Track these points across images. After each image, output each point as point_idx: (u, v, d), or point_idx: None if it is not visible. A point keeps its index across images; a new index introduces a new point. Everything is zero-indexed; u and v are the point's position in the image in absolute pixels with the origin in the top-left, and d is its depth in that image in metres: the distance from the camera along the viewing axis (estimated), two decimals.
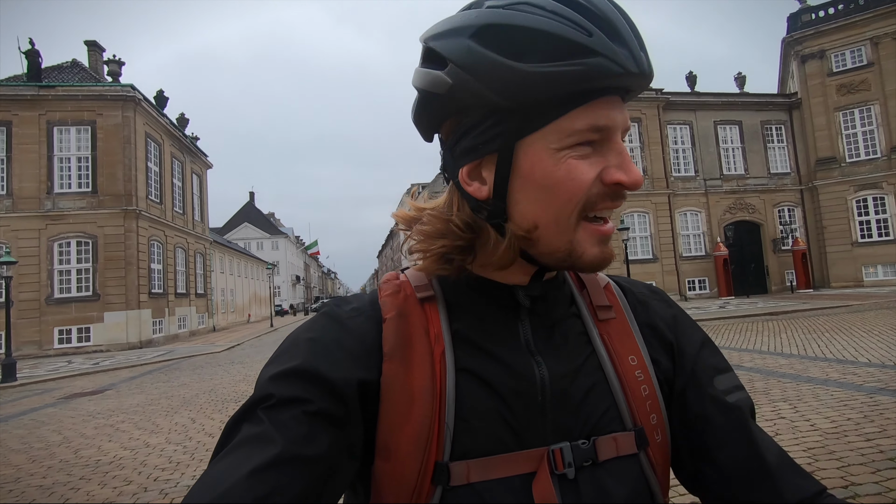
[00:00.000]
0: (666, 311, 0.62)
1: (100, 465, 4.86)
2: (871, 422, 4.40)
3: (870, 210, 22.89)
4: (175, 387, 9.56)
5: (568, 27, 0.44)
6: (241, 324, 35.37)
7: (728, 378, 0.57)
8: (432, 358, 0.51)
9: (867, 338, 8.95)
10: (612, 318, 0.58)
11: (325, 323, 0.53)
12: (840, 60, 23.65)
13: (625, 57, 0.44)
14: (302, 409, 0.45)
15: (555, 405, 0.51)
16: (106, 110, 19.22)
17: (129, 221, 19.12)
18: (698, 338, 0.60)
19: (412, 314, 0.54)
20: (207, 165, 29.15)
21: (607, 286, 0.62)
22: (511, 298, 0.55)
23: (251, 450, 0.43)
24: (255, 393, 0.47)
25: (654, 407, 0.54)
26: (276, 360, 0.50)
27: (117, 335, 18.59)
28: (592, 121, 0.46)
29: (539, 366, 0.52)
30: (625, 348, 0.56)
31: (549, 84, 0.44)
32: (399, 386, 0.49)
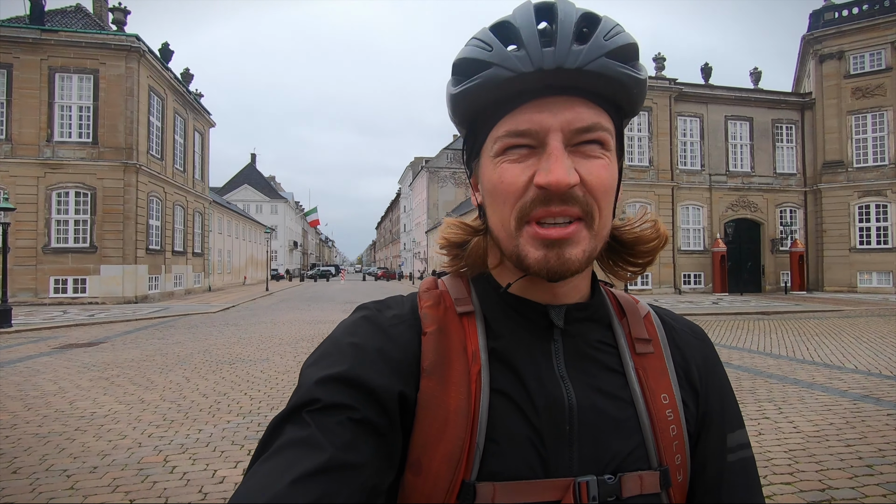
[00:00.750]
0: (700, 355, 0.61)
1: (95, 418, 4.95)
2: (853, 428, 4.50)
3: (871, 217, 22.90)
4: (170, 344, 9.65)
5: (475, 47, 0.50)
6: (237, 285, 35.49)
7: (737, 436, 0.58)
8: (469, 377, 0.51)
9: (855, 344, 9.08)
10: (649, 352, 0.57)
11: (368, 329, 0.54)
12: (858, 62, 23.27)
13: (518, 59, 0.47)
14: (347, 416, 0.45)
15: (583, 436, 0.51)
16: (109, 60, 18.80)
17: (128, 175, 18.94)
18: (722, 390, 0.60)
19: (451, 329, 0.54)
20: (210, 124, 28.73)
21: (647, 316, 0.61)
22: (545, 318, 0.55)
23: (298, 453, 0.43)
24: (299, 394, 0.48)
25: (679, 447, 0.54)
26: (319, 362, 0.51)
27: (113, 288, 18.65)
28: (513, 126, 0.49)
29: (568, 393, 0.52)
30: (659, 386, 0.55)
31: (464, 100, 0.52)
32: (436, 404, 0.50)
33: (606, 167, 0.50)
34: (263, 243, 44.74)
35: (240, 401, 5.58)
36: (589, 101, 0.49)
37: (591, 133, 0.49)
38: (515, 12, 0.51)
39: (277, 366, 7.57)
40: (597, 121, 0.49)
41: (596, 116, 0.49)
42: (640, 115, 23.22)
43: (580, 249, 0.49)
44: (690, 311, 15.00)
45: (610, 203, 0.51)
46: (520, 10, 0.51)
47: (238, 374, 6.95)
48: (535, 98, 0.49)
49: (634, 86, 0.50)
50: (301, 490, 0.40)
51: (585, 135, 0.49)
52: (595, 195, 0.49)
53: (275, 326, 12.69)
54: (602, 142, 0.50)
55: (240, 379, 6.67)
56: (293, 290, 33.55)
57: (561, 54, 0.47)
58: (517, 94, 0.49)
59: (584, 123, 0.48)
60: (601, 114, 0.50)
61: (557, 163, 0.47)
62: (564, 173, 0.46)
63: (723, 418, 0.58)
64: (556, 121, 0.48)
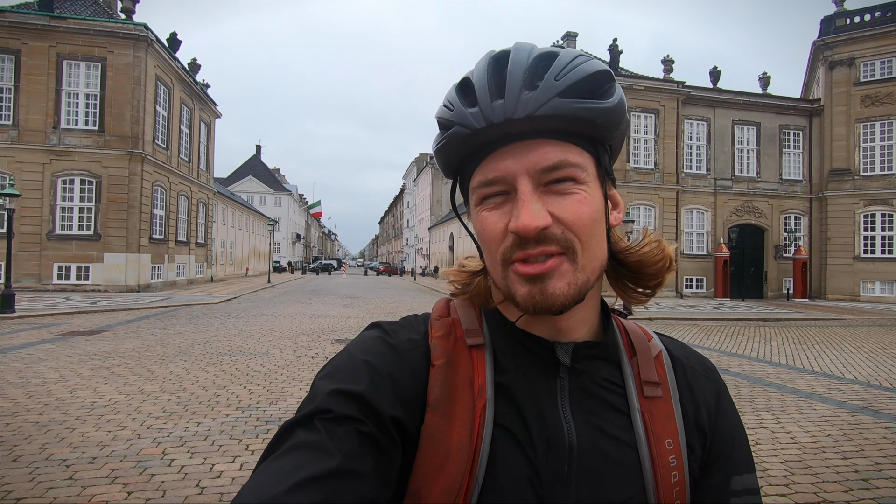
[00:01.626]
0: (711, 394, 0.60)
1: (95, 407, 4.98)
2: (850, 440, 4.50)
3: (876, 226, 22.78)
4: (171, 335, 9.69)
5: (443, 108, 0.54)
6: (239, 276, 35.60)
7: (745, 480, 0.57)
8: (473, 412, 0.52)
9: (856, 354, 9.05)
10: (657, 396, 0.57)
11: (384, 350, 0.55)
12: (869, 70, 23.09)
13: (473, 116, 0.50)
14: (355, 427, 0.47)
15: (580, 477, 0.51)
16: (117, 48, 18.82)
17: (134, 164, 18.99)
18: (733, 431, 0.59)
19: (459, 362, 0.55)
20: (216, 114, 28.76)
21: (658, 356, 0.60)
22: (552, 355, 0.55)
23: (308, 456, 0.44)
24: (311, 403, 0.49)
25: (680, 494, 0.54)
26: (333, 375, 0.52)
27: (116, 276, 18.73)
28: (483, 176, 0.52)
29: (570, 432, 0.52)
30: (665, 431, 0.55)
31: (441, 156, 0.56)
32: (438, 438, 0.51)
33: (583, 201, 0.50)
34: (266, 235, 44.83)
35: (239, 394, 5.61)
36: (553, 139, 0.50)
37: (559, 171, 0.50)
38: (475, 67, 0.54)
39: (277, 360, 7.60)
40: (563, 158, 0.50)
41: (562, 154, 0.50)
42: (646, 118, 23.14)
43: (564, 283, 0.50)
44: (691, 316, 14.98)
45: (594, 234, 0.52)
46: (478, 65, 0.53)
47: (238, 367, 6.98)
48: (499, 147, 0.51)
49: (598, 116, 0.50)
50: (309, 491, 0.42)
51: (554, 173, 0.50)
52: (574, 230, 0.50)
53: (276, 319, 12.73)
54: (574, 178, 0.50)
55: (239, 372, 6.70)
56: (295, 282, 33.62)
57: (509, 106, 0.49)
58: (481, 147, 0.52)
59: (550, 163, 0.50)
60: (569, 149, 0.51)
61: (524, 208, 0.48)
62: (531, 218, 0.48)
63: (729, 460, 0.57)
64: (520, 165, 0.50)
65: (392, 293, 24.93)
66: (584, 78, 0.50)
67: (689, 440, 0.56)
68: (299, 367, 7.15)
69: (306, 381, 6.30)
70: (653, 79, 23.45)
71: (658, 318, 14.32)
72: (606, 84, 0.52)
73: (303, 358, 7.79)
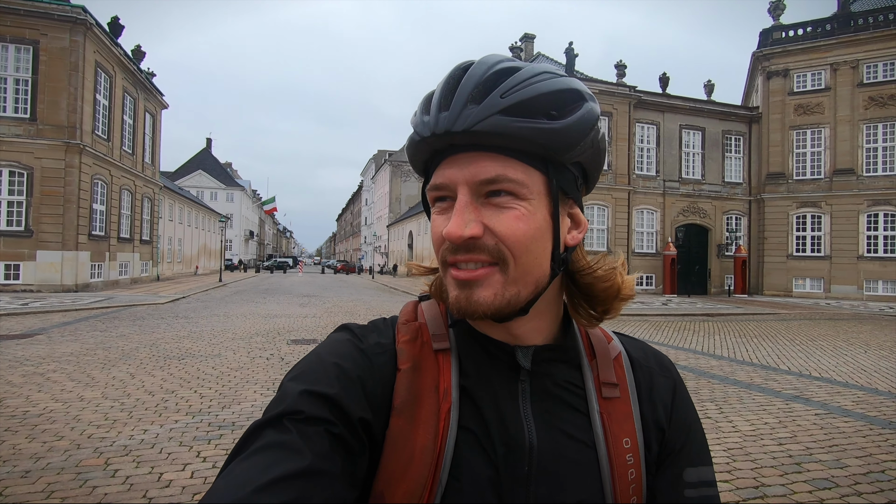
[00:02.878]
0: (667, 391, 0.62)
1: (27, 417, 4.64)
2: (785, 427, 4.83)
3: (807, 227, 24.52)
4: (113, 337, 9.16)
5: (413, 114, 0.57)
6: (188, 275, 34.06)
7: (699, 472, 0.58)
8: (438, 415, 0.53)
9: (790, 346, 9.72)
10: (616, 397, 0.58)
11: (353, 353, 0.55)
12: (801, 81, 24.79)
13: (423, 125, 0.53)
14: (326, 428, 0.47)
15: (539, 477, 0.52)
16: (51, 31, 17.55)
17: (70, 156, 17.78)
18: (688, 425, 0.61)
19: (425, 366, 0.56)
20: (162, 105, 27.36)
21: (618, 357, 0.62)
22: (512, 358, 0.56)
23: (279, 455, 0.44)
24: (281, 404, 0.48)
25: (636, 490, 0.55)
26: (303, 377, 0.51)
27: (50, 276, 17.50)
28: (433, 180, 0.55)
29: (530, 434, 0.53)
30: (622, 431, 0.56)
31: (408, 156, 0.58)
32: (403, 442, 0.51)
33: (521, 217, 0.51)
34: (218, 232, 43.12)
35: (189, 399, 5.37)
36: (493, 153, 0.51)
37: (495, 184, 0.51)
38: (442, 80, 0.56)
39: (230, 362, 7.33)
40: (501, 173, 0.51)
41: (501, 169, 0.51)
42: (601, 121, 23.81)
43: (490, 292, 0.51)
44: (641, 312, 15.62)
45: (530, 250, 0.52)
46: (445, 75, 0.55)
47: (188, 371, 6.68)
48: (448, 155, 0.53)
49: (541, 137, 0.50)
50: (280, 490, 0.41)
51: (490, 186, 0.51)
52: (507, 244, 0.51)
53: (228, 320, 12.28)
54: (513, 192, 0.51)
55: (189, 375, 6.42)
56: (248, 281, 32.54)
57: (451, 118, 0.50)
58: (434, 153, 0.55)
59: (487, 176, 0.51)
60: (510, 165, 0.51)
61: (456, 216, 0.51)
62: (459, 227, 0.50)
63: (683, 452, 0.59)
64: (461, 175, 0.52)
65: (350, 292, 24.58)
66: (537, 97, 0.50)
67: (646, 439, 0.58)
68: (254, 368, 6.92)
69: (261, 383, 6.12)
70: (607, 83, 24.22)
71: None
72: (566, 104, 0.52)
73: (257, 360, 7.55)
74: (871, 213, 22.98)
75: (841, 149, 23.63)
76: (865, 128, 23.24)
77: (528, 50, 29.13)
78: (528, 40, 29.75)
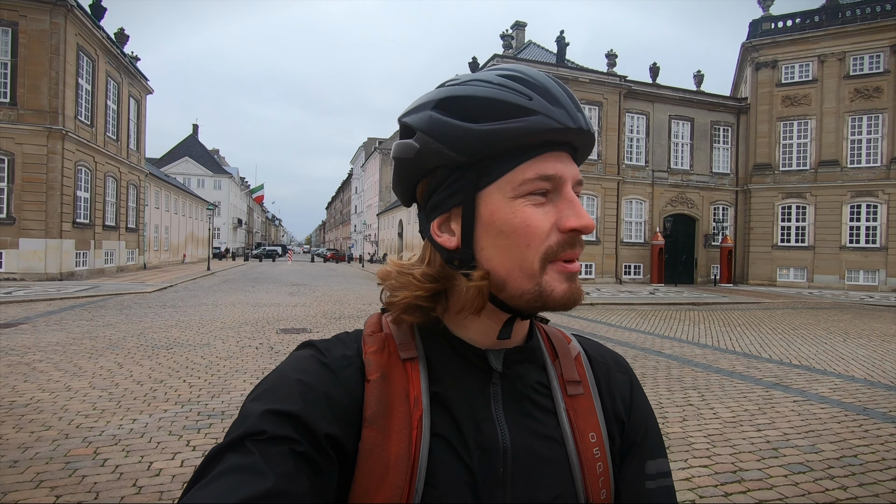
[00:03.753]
0: (625, 386, 0.65)
1: (14, 407, 4.62)
2: (764, 414, 4.97)
3: (792, 217, 24.89)
4: (100, 326, 9.09)
5: (510, 94, 0.53)
6: (176, 264, 33.71)
7: (657, 464, 0.61)
8: (410, 423, 0.53)
9: (772, 335, 9.93)
10: (580, 393, 0.61)
11: (318, 369, 0.54)
12: (789, 72, 24.97)
13: (561, 115, 0.52)
14: (290, 448, 0.46)
15: (515, 477, 0.54)
16: (31, 13, 17.05)
17: (53, 142, 17.42)
18: (646, 419, 0.64)
19: (394, 375, 0.56)
20: (147, 90, 26.82)
21: (578, 357, 0.65)
22: (485, 362, 0.57)
23: (241, 479, 0.43)
24: (242, 426, 0.48)
25: (605, 483, 0.58)
26: (266, 396, 0.51)
27: (34, 264, 17.23)
28: (541, 170, 0.52)
29: (504, 436, 0.55)
30: (588, 426, 0.59)
31: (496, 139, 0.52)
32: (377, 453, 0.51)
33: None
34: (205, 220, 42.63)
35: (178, 388, 5.38)
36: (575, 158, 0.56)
37: (581, 186, 0.56)
38: (530, 72, 0.55)
39: (219, 351, 7.33)
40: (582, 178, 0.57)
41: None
42: (590, 110, 23.88)
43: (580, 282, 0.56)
44: (629, 301, 15.82)
45: None
46: (534, 73, 0.55)
47: (176, 360, 6.67)
48: (555, 150, 0.54)
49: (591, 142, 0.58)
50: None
51: (579, 187, 0.55)
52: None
53: (216, 309, 12.22)
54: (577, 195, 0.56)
55: (178, 365, 6.41)
56: (236, 269, 32.28)
57: (586, 118, 0.55)
58: (545, 144, 0.53)
59: (580, 178, 0.56)
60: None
61: (583, 209, 0.53)
62: (590, 218, 0.52)
63: (643, 446, 0.62)
64: (569, 172, 0.54)
65: (339, 280, 24.53)
66: None
67: (609, 431, 0.61)
68: (243, 358, 6.93)
69: (250, 372, 6.13)
70: (597, 72, 24.19)
71: (599, 303, 15.01)
72: None
73: (246, 349, 7.55)
74: (854, 203, 23.38)
75: (826, 140, 23.93)
76: (850, 119, 23.54)
77: (520, 38, 28.93)
78: (519, 28, 29.52)
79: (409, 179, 0.59)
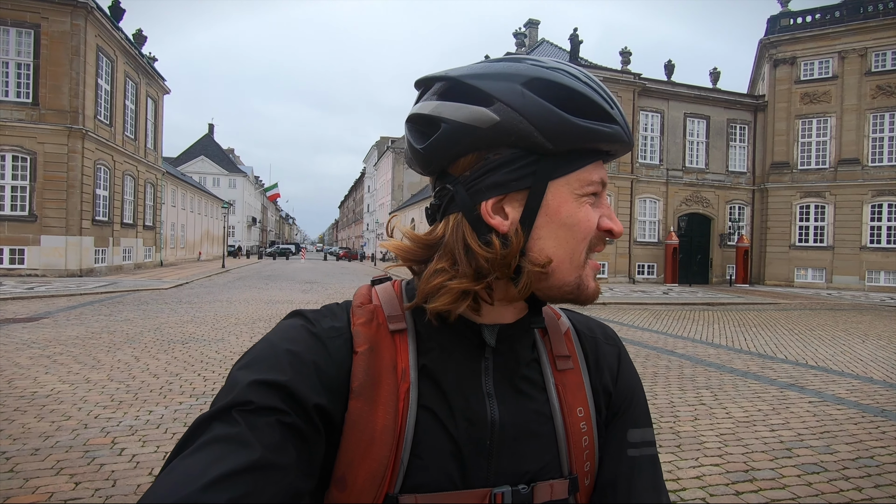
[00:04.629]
0: (613, 357, 0.66)
1: (36, 398, 4.75)
2: (778, 414, 4.90)
3: (810, 217, 24.42)
4: (118, 321, 9.28)
5: (600, 96, 0.54)
6: (191, 261, 34.23)
7: (642, 433, 0.62)
8: (397, 395, 0.53)
9: (788, 336, 9.77)
10: (569, 368, 0.62)
11: (307, 338, 0.54)
12: (808, 69, 24.48)
13: (624, 129, 0.55)
14: (277, 418, 0.46)
15: (501, 450, 0.55)
16: (53, 15, 17.44)
17: (73, 141, 17.80)
18: (632, 388, 0.65)
19: (382, 347, 0.56)
20: (164, 90, 27.25)
21: (567, 332, 0.65)
22: (478, 336, 0.57)
23: (226, 450, 0.43)
24: (229, 395, 0.47)
25: (590, 456, 0.59)
26: (254, 365, 0.50)
27: (55, 261, 17.64)
28: (601, 175, 0.56)
29: (492, 409, 0.55)
30: (576, 400, 0.60)
31: (586, 137, 0.53)
32: (363, 424, 0.52)
33: None
34: (220, 218, 43.17)
35: (193, 382, 5.48)
36: None
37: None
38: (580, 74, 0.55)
39: (233, 346, 7.44)
40: None
41: None
42: None
43: None
44: (642, 301, 15.67)
45: None
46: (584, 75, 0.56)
47: (191, 355, 6.79)
48: (599, 159, 0.57)
49: None
50: (228, 486, 0.40)
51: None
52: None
53: (231, 305, 12.39)
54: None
55: (193, 359, 6.53)
56: (251, 267, 32.68)
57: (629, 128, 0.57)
58: (605, 153, 0.56)
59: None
60: None
61: (613, 214, 0.57)
62: (621, 225, 0.56)
63: (627, 414, 0.62)
64: (606, 178, 0.58)
65: (352, 279, 24.70)
66: None
67: (596, 404, 0.62)
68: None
69: None
70: (611, 70, 23.98)
71: (612, 302, 14.90)
72: None
73: None
74: (876, 203, 22.86)
75: (847, 138, 23.43)
76: (872, 117, 23.01)
77: (532, 36, 28.82)
78: (532, 26, 29.40)
79: (461, 150, 0.53)
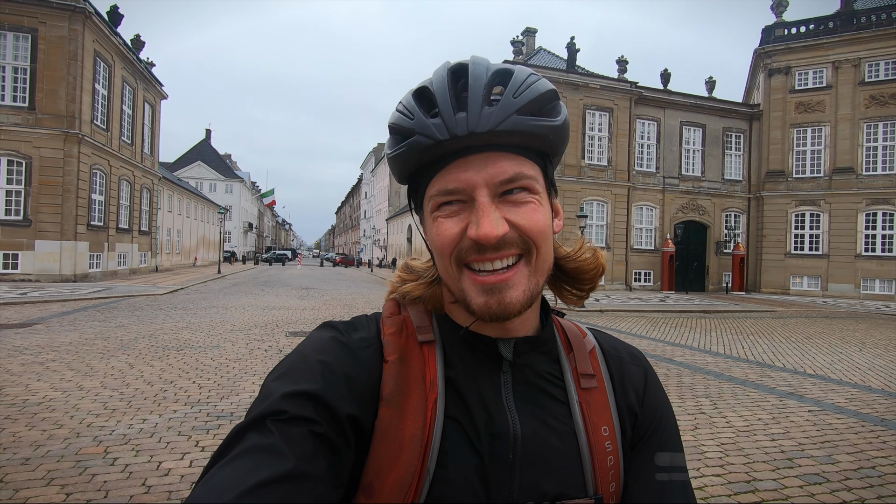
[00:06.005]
0: (639, 378, 0.65)
1: (27, 405, 4.67)
2: (778, 423, 4.87)
3: (805, 225, 24.55)
4: (112, 327, 9.18)
5: (401, 115, 0.55)
6: (187, 266, 34.05)
7: (671, 457, 0.60)
8: (425, 405, 0.54)
9: (785, 344, 9.77)
10: (594, 387, 0.61)
11: (338, 349, 0.55)
12: (803, 79, 24.72)
13: (436, 127, 0.51)
14: (309, 429, 0.47)
15: (524, 465, 0.54)
16: (50, 19, 17.42)
17: (69, 145, 17.72)
18: (661, 411, 0.63)
19: (412, 357, 0.57)
20: (162, 95, 27.22)
21: (592, 351, 0.65)
22: (496, 351, 0.58)
23: (261, 460, 0.44)
24: (264, 405, 0.48)
25: (615, 476, 0.58)
26: (287, 376, 0.52)
27: (49, 266, 17.49)
28: (442, 185, 0.54)
29: (514, 423, 0.55)
30: (601, 419, 0.59)
31: (397, 163, 0.56)
32: (392, 432, 0.52)
33: (536, 210, 0.54)
34: (217, 224, 43.03)
35: (188, 389, 5.40)
36: (509, 153, 0.53)
37: (515, 182, 0.53)
38: (433, 76, 0.54)
39: (229, 353, 7.36)
40: (519, 171, 0.53)
41: (518, 167, 0.53)
42: (601, 115, 23.84)
43: (520, 291, 0.53)
44: (639, 308, 15.67)
45: (547, 240, 0.55)
46: (436, 75, 0.54)
47: (186, 362, 6.72)
48: (458, 158, 0.53)
49: (550, 133, 0.54)
50: (262, 495, 0.41)
51: (510, 184, 0.53)
52: (530, 236, 0.53)
53: (226, 311, 12.30)
54: (528, 188, 0.54)
55: (188, 366, 6.45)
56: (247, 273, 32.52)
57: (472, 120, 0.51)
58: (441, 157, 0.53)
59: (507, 175, 0.53)
60: (523, 163, 0.54)
61: (485, 217, 0.51)
62: (491, 227, 0.51)
63: (655, 437, 0.61)
64: (480, 177, 0.52)
65: (348, 285, 24.60)
66: (538, 97, 0.53)
67: (622, 424, 0.61)
68: (252, 360, 6.96)
69: (259, 374, 6.15)
70: (608, 78, 24.13)
71: (609, 310, 14.89)
72: (554, 102, 0.55)
73: (255, 351, 7.58)
74: (870, 211, 23.01)
75: (841, 147, 23.61)
76: (866, 126, 23.21)
77: (530, 44, 28.97)
78: (529, 34, 29.58)
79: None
